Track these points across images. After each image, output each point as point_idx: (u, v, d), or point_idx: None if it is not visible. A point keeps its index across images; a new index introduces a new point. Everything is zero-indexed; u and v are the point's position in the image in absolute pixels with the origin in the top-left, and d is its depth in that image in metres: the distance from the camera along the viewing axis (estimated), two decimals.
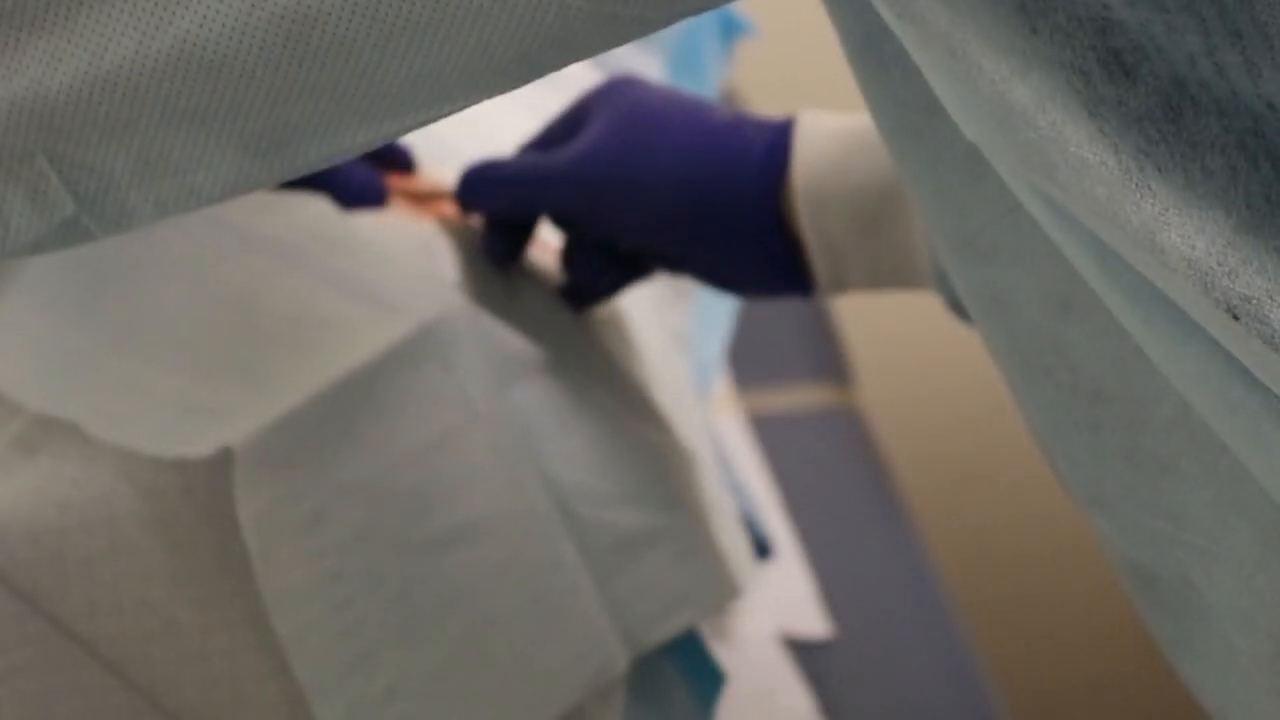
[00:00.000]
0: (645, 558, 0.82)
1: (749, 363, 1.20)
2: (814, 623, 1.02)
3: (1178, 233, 0.44)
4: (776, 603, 1.01)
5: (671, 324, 1.00)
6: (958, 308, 0.75)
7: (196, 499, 0.72)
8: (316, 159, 0.57)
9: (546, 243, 0.89)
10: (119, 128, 0.55)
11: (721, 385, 1.19)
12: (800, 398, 1.23)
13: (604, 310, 0.90)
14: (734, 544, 0.91)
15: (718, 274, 0.84)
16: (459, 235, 0.86)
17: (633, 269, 0.86)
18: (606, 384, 0.86)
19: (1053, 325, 0.55)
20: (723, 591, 0.86)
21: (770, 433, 1.18)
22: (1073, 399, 0.56)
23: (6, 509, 0.71)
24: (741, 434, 1.16)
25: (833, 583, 1.05)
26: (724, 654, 0.92)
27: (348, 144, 0.56)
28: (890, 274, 0.81)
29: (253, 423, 0.71)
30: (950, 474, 1.89)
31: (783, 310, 1.27)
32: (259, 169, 0.57)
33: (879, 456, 1.21)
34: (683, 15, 0.51)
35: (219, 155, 0.56)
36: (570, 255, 0.86)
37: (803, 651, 1.00)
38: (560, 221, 0.85)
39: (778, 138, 0.80)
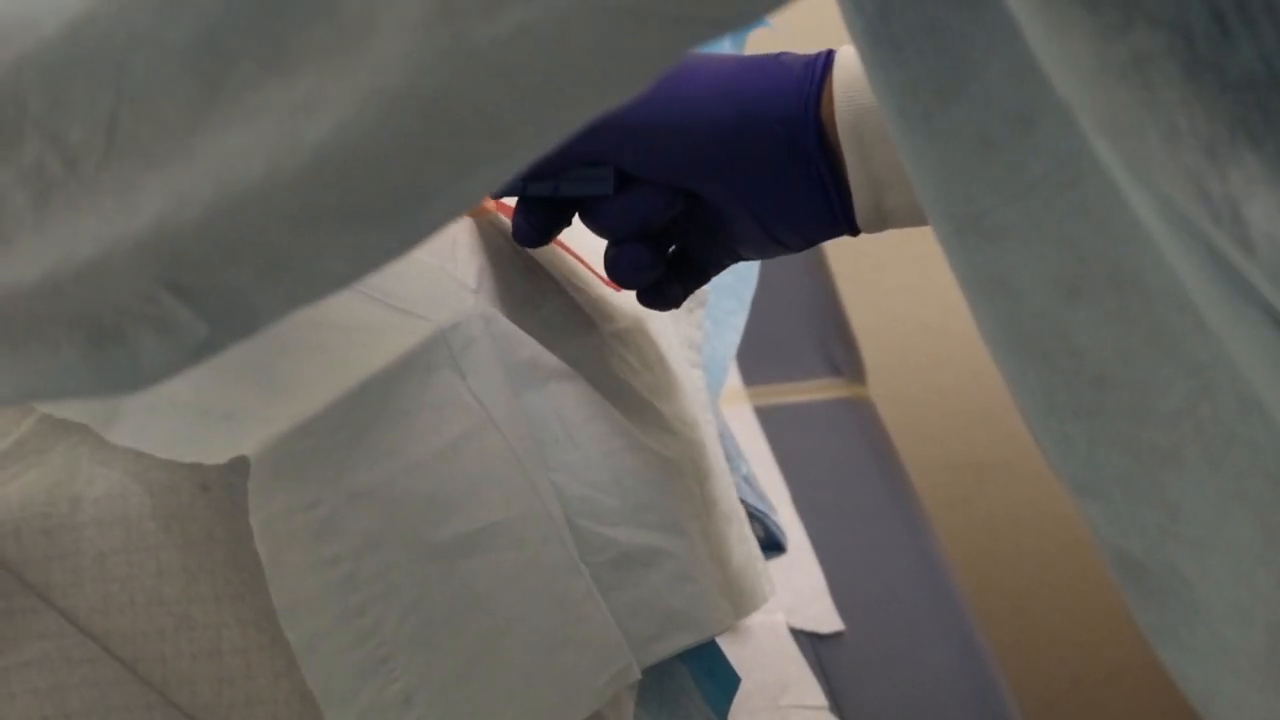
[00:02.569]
0: (643, 577, 0.81)
1: (760, 357, 1.21)
2: (825, 616, 1.02)
3: (1263, 206, 0.43)
4: (787, 595, 1.01)
5: (685, 333, 1.00)
6: None
7: (212, 495, 0.73)
8: (447, 215, 0.55)
9: (578, 253, 0.89)
10: (248, 243, 0.53)
11: (732, 379, 1.19)
12: (811, 392, 1.24)
13: (622, 319, 0.89)
14: (747, 562, 0.90)
15: (762, 207, 0.80)
16: (486, 231, 0.86)
17: (677, 269, 0.84)
18: (621, 394, 0.85)
19: (1058, 309, 0.55)
20: (723, 617, 0.85)
21: (780, 425, 1.18)
22: (1073, 384, 0.55)
23: (20, 504, 0.71)
24: (752, 427, 1.16)
25: (843, 575, 1.05)
26: (735, 647, 0.92)
27: (478, 191, 0.54)
28: None
29: (268, 430, 0.71)
30: (960, 465, 1.89)
31: (794, 304, 1.27)
32: (390, 241, 0.54)
33: (889, 448, 1.21)
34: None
35: (349, 237, 0.53)
36: (610, 252, 0.82)
37: (813, 643, 1.00)
38: (597, 171, 0.80)
39: (817, 56, 0.80)
